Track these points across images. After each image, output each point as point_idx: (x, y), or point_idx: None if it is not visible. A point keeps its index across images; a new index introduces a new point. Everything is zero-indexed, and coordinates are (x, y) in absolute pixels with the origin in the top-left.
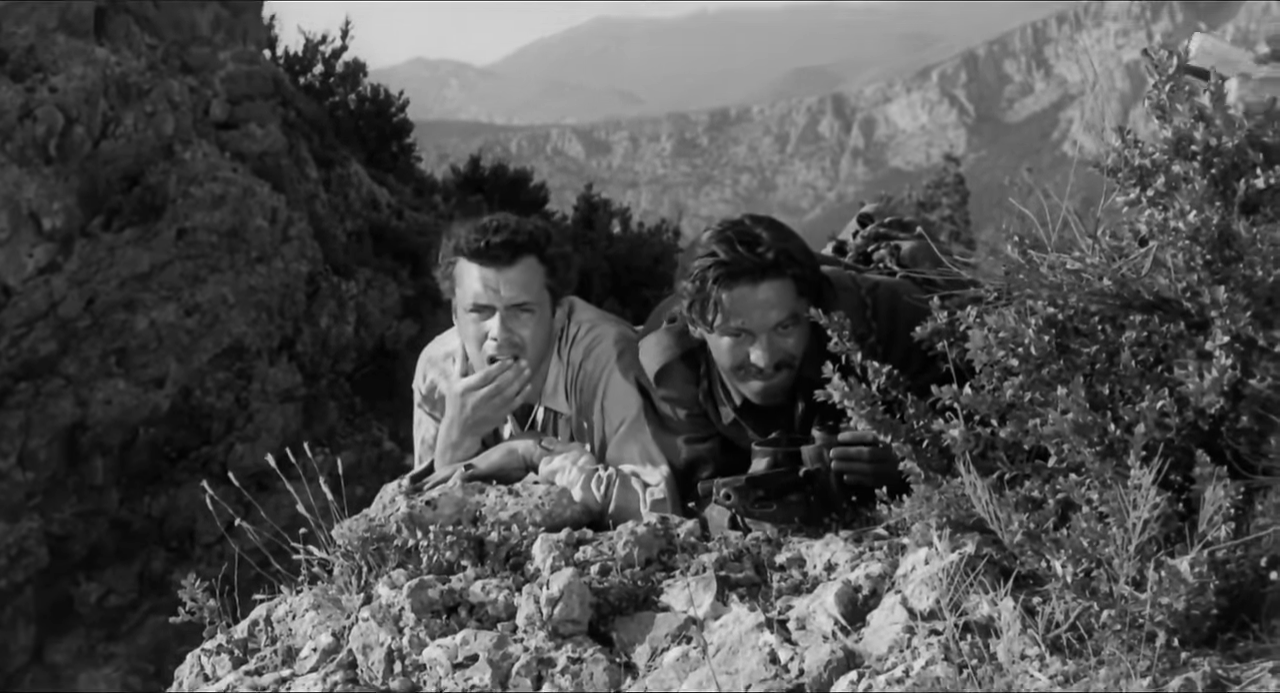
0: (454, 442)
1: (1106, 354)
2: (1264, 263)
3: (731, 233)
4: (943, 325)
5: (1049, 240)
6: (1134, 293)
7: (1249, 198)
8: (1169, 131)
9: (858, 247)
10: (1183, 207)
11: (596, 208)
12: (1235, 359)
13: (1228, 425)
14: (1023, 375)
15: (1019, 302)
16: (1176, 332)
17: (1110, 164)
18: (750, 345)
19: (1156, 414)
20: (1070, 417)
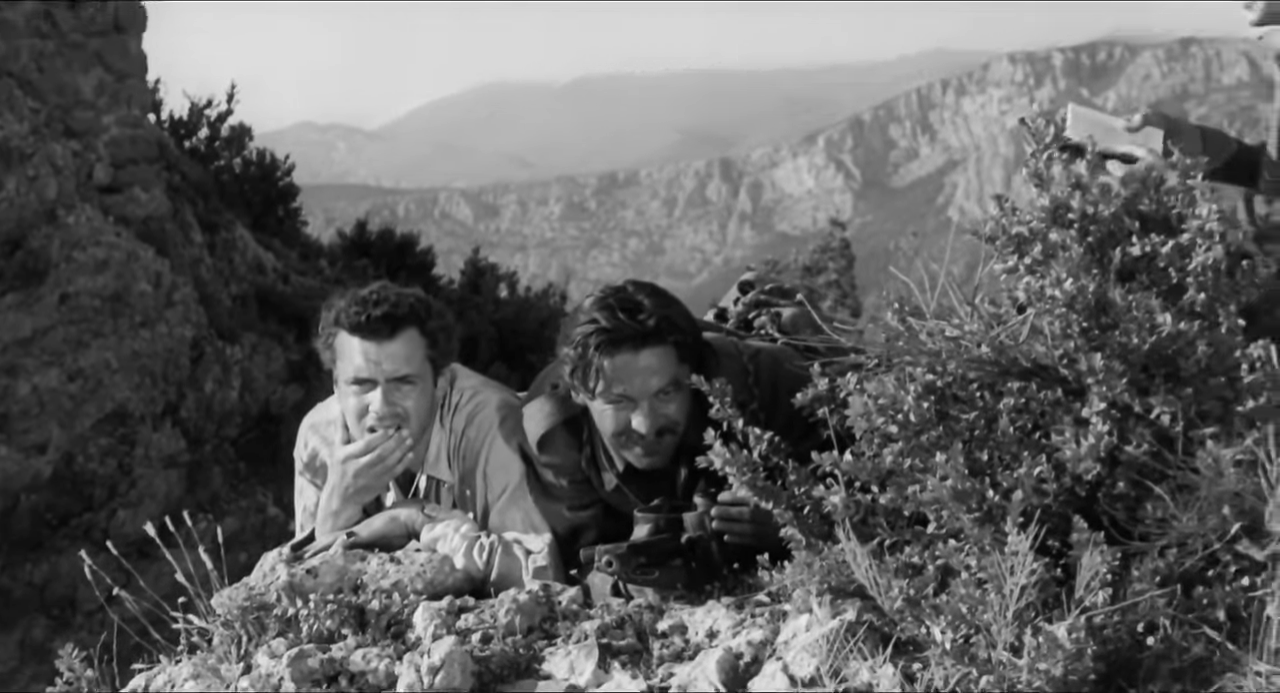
0: (335, 510)
1: (985, 420)
2: (1139, 330)
3: (613, 300)
4: (823, 392)
5: (928, 307)
6: (1012, 360)
7: (1125, 265)
8: (1046, 200)
9: (739, 313)
10: (1059, 274)
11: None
12: (1112, 426)
13: (1104, 491)
14: (902, 442)
15: (899, 368)
16: (1054, 398)
17: (988, 232)
18: (632, 412)
19: (1034, 480)
20: (949, 483)
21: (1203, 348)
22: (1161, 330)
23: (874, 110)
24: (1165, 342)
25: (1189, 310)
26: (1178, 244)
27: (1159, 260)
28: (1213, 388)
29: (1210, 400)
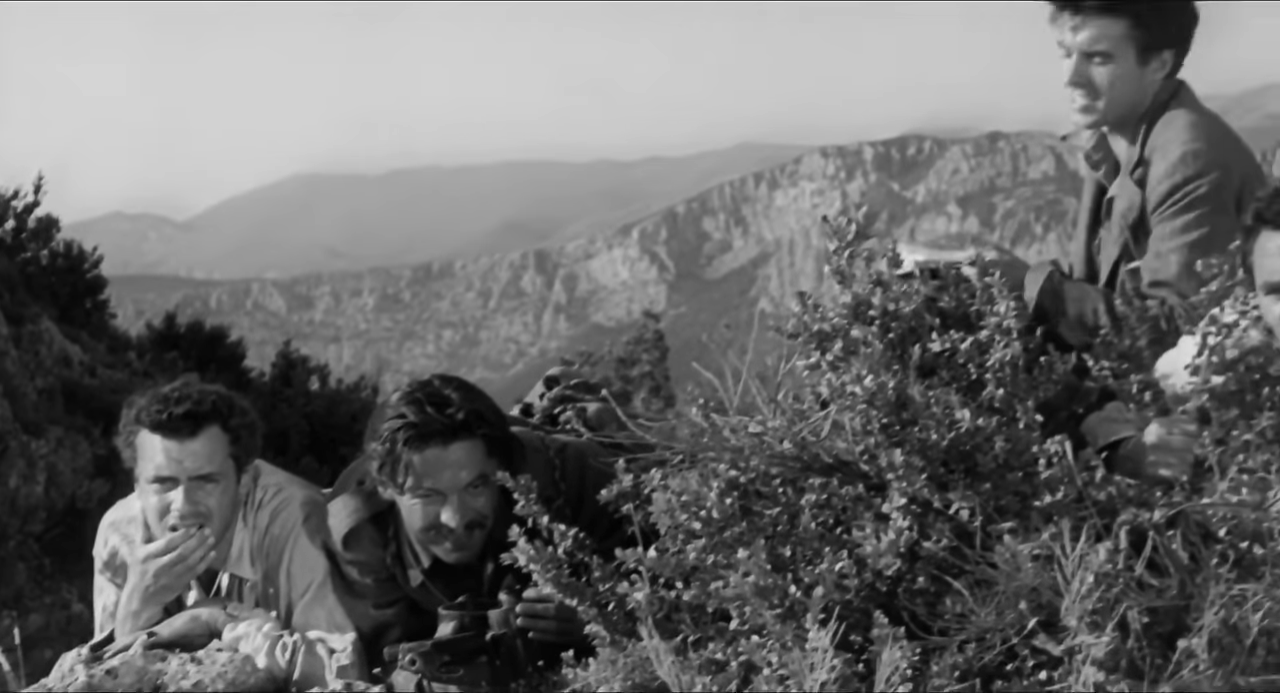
0: (135, 610)
1: (788, 516)
2: (938, 426)
3: (421, 394)
4: (628, 488)
5: (731, 403)
6: (814, 456)
7: (925, 361)
8: (848, 296)
9: (544, 409)
10: (859, 371)
11: (295, 364)
12: (912, 521)
13: (905, 586)
14: (705, 538)
15: (703, 465)
16: (855, 494)
17: (791, 328)
18: (441, 506)
19: (835, 576)
20: (751, 579)
21: (1000, 443)
22: (960, 426)
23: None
24: (964, 437)
25: (988, 406)
26: (976, 341)
27: (958, 357)
28: (1010, 483)
29: (1008, 495)
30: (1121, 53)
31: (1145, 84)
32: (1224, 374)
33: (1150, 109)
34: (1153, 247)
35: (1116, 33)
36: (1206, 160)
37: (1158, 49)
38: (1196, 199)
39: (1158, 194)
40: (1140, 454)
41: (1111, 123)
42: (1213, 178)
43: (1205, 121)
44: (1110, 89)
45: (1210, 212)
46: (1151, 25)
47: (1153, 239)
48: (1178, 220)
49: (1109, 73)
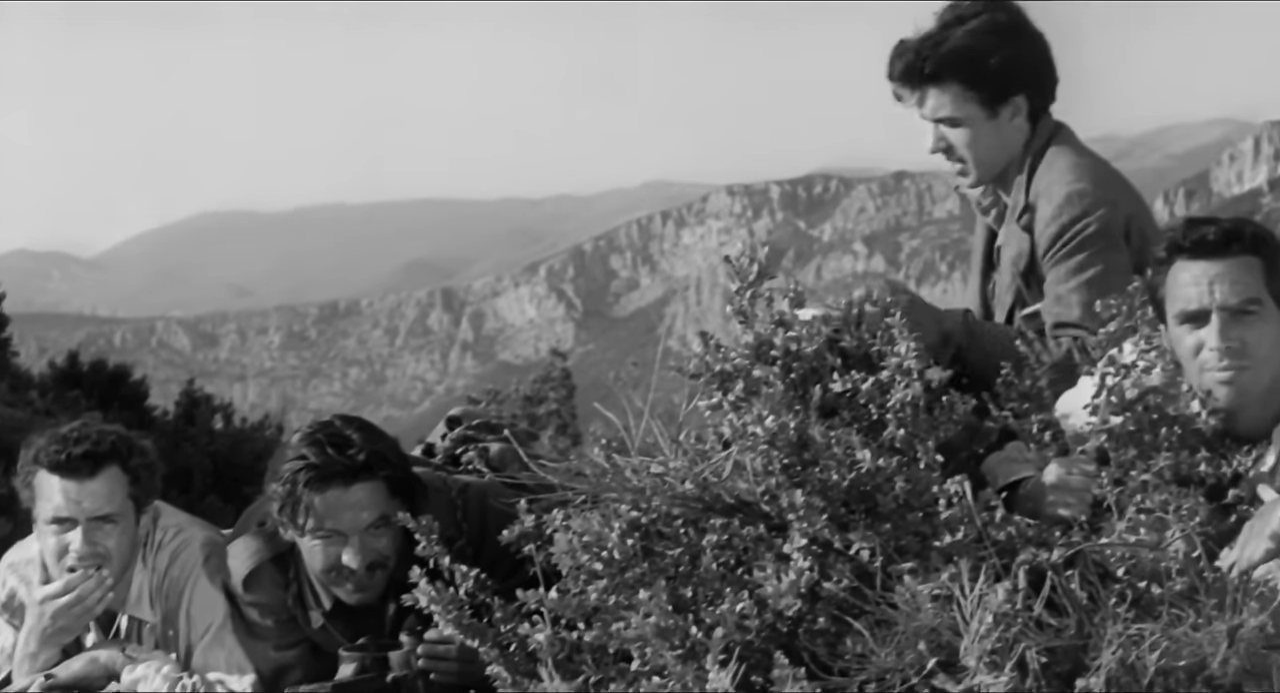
0: (33, 652)
1: (689, 557)
2: (839, 467)
3: (321, 435)
4: (530, 528)
5: (633, 444)
6: (715, 496)
7: (826, 402)
8: (750, 336)
9: (446, 449)
10: (760, 411)
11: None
12: (812, 561)
13: (805, 627)
14: (607, 579)
15: (605, 505)
16: (756, 534)
17: (693, 369)
18: (342, 547)
19: (736, 616)
20: (652, 620)
21: (901, 484)
22: (861, 466)
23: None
24: (865, 478)
25: (889, 446)
26: (878, 381)
27: (860, 397)
28: (911, 523)
29: (908, 536)
30: (966, 113)
31: (1005, 133)
32: (1122, 414)
33: (1030, 155)
34: (1050, 290)
35: (951, 97)
36: (1092, 199)
37: (1003, 99)
38: (1086, 238)
39: (1047, 237)
40: (1040, 494)
41: (988, 175)
42: (1100, 215)
43: (1086, 161)
44: (971, 149)
45: (1103, 249)
46: (983, 80)
47: (1049, 283)
48: (1071, 260)
49: (963, 135)
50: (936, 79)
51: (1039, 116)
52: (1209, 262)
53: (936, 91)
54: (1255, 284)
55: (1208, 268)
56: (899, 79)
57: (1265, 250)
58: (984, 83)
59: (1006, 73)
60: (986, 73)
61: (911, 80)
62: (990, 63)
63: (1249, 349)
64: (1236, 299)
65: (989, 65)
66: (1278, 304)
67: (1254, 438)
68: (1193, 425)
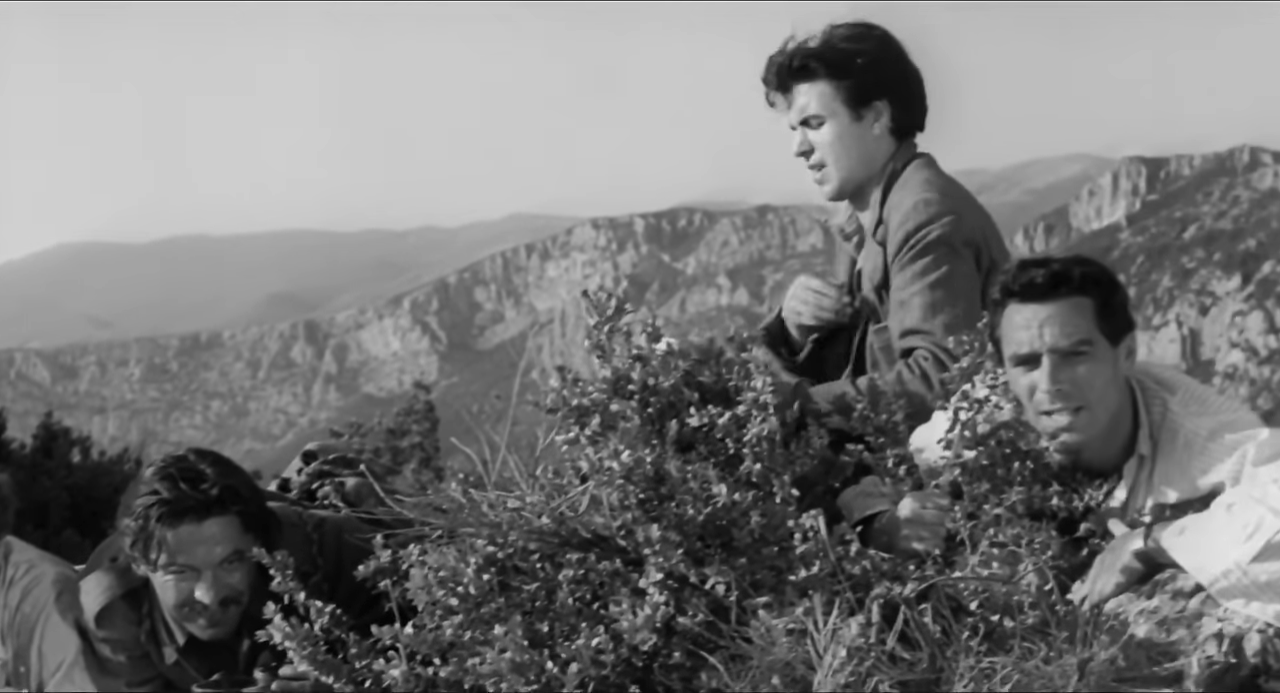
0: None
1: (545, 592)
2: (695, 501)
3: (174, 470)
4: (386, 563)
5: (489, 478)
6: (572, 531)
7: (683, 436)
8: (608, 371)
9: (302, 484)
10: (617, 446)
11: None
12: (668, 596)
13: (661, 662)
14: (463, 614)
15: (461, 540)
16: (612, 569)
17: (550, 403)
18: (195, 583)
19: (592, 651)
20: (508, 655)
21: (757, 518)
22: (717, 501)
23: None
24: (721, 512)
25: (745, 481)
26: (735, 415)
27: (716, 431)
28: (766, 558)
29: (764, 570)
30: (833, 111)
31: (867, 141)
32: (975, 449)
33: (889, 173)
34: (895, 295)
35: (819, 94)
36: (939, 207)
37: (868, 101)
38: (931, 243)
39: (894, 243)
40: (894, 528)
41: (849, 186)
42: (946, 222)
43: (939, 179)
44: (833, 149)
45: (946, 253)
46: (852, 79)
47: (894, 289)
48: (916, 264)
49: (827, 133)
50: (805, 74)
51: (903, 137)
52: (1039, 304)
53: (804, 88)
54: (1086, 325)
55: (1038, 311)
56: (770, 80)
57: (1096, 291)
58: (849, 78)
59: (871, 73)
60: (852, 69)
61: (782, 79)
62: (857, 61)
63: (1080, 390)
64: (1066, 342)
65: (855, 62)
66: (1111, 343)
67: (1104, 472)
68: (1044, 460)
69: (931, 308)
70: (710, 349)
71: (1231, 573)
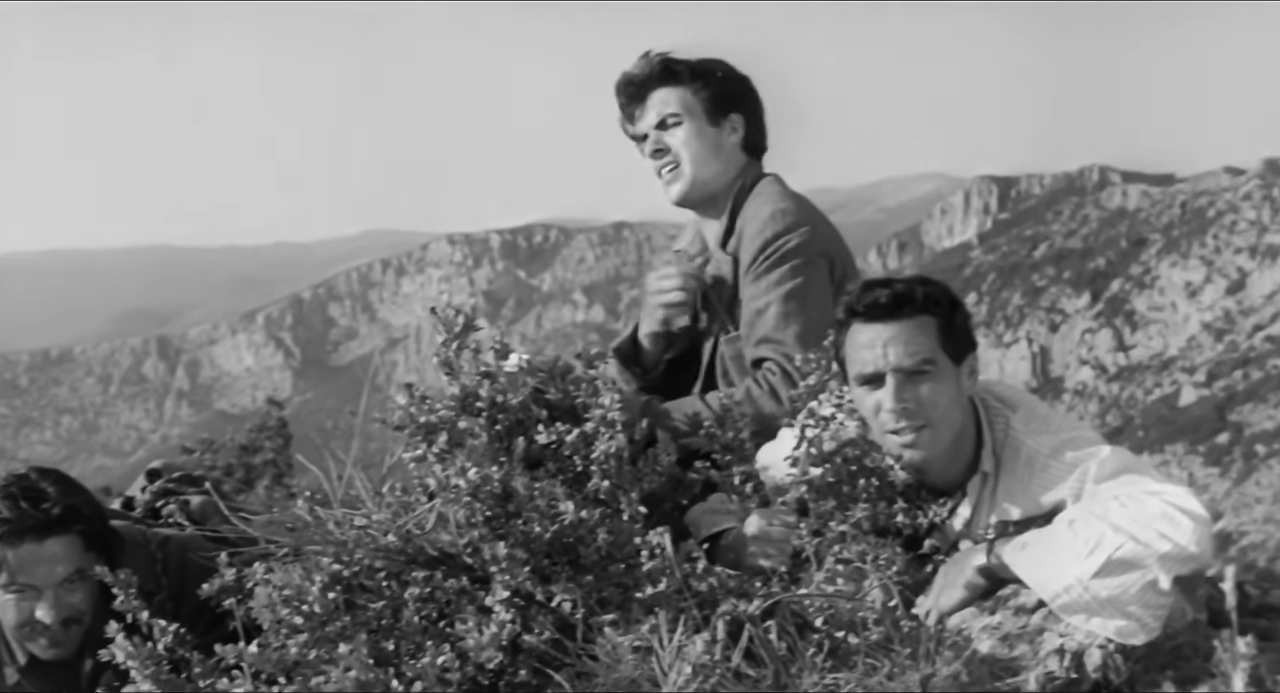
0: None
1: (391, 610)
2: (541, 519)
3: (15, 489)
4: (230, 582)
5: (336, 496)
6: (418, 549)
7: (531, 453)
8: (456, 388)
9: (146, 502)
10: (464, 463)
11: None
12: (514, 614)
13: (506, 680)
14: (308, 633)
15: (307, 558)
16: (459, 587)
17: (396, 420)
18: (36, 602)
19: (437, 670)
20: (353, 674)
21: (604, 536)
22: (564, 518)
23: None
24: (568, 529)
25: (593, 498)
26: (583, 432)
27: (565, 449)
28: (613, 575)
29: (610, 587)
30: (691, 113)
31: (722, 146)
32: (821, 466)
33: (738, 189)
34: (749, 305)
35: (680, 96)
36: (794, 218)
37: (724, 112)
38: (786, 253)
39: (750, 253)
40: (741, 545)
41: (699, 190)
42: (801, 232)
43: (791, 193)
44: (688, 148)
45: (801, 264)
46: (712, 88)
47: (748, 298)
48: (771, 274)
49: (684, 133)
50: (667, 78)
51: (750, 155)
52: (883, 324)
53: (664, 92)
54: (929, 344)
55: (881, 331)
56: (629, 88)
57: (938, 310)
58: (709, 87)
59: (730, 87)
60: (712, 78)
61: (643, 85)
62: (718, 73)
63: (924, 409)
64: (910, 361)
65: (715, 74)
66: (954, 362)
67: (948, 490)
68: (889, 477)
69: (785, 317)
70: (557, 366)
71: (1073, 589)
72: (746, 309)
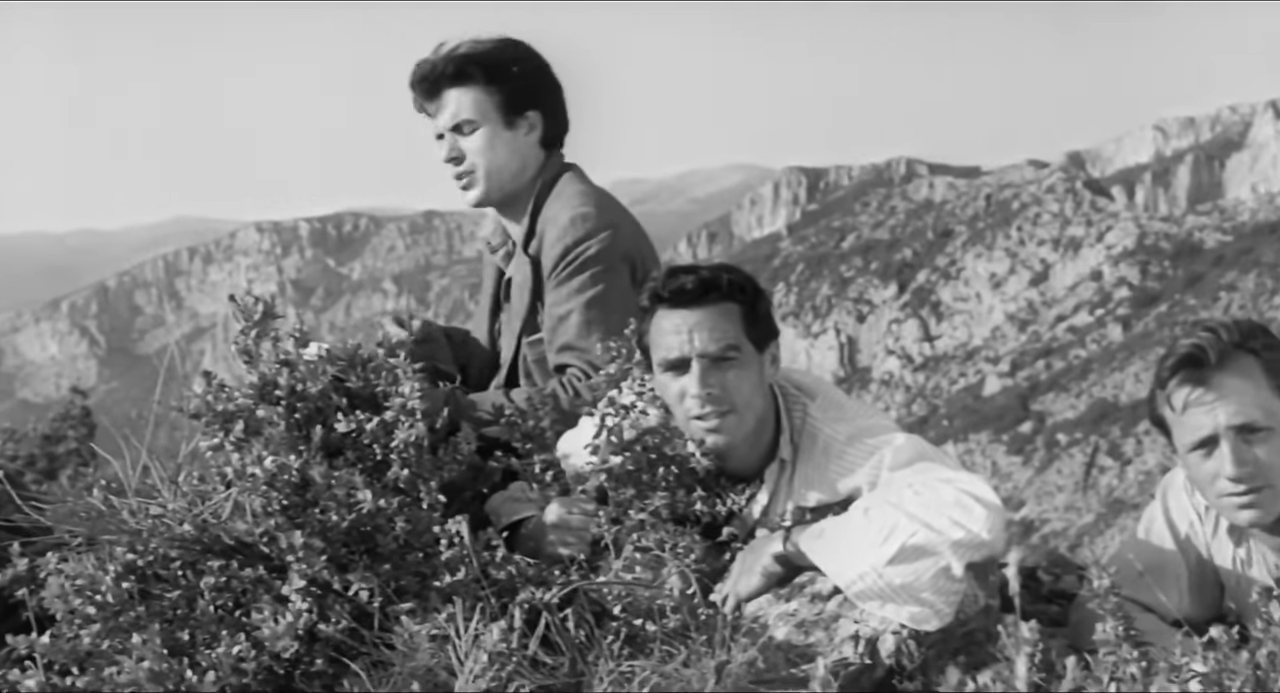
0: None
1: (186, 600)
2: (339, 508)
3: None
4: (23, 572)
5: (130, 485)
6: (215, 538)
7: (331, 442)
8: (255, 376)
9: None
10: (260, 452)
11: None
12: (312, 603)
13: (303, 669)
14: (101, 623)
15: (101, 548)
16: (255, 576)
17: (193, 409)
18: None
19: (233, 659)
20: (146, 664)
21: (402, 524)
22: (362, 507)
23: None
24: (366, 518)
25: (392, 487)
26: (382, 421)
27: (364, 437)
28: (411, 564)
29: (408, 576)
30: (486, 118)
31: (520, 148)
32: (621, 454)
33: (538, 187)
34: (551, 311)
35: (474, 99)
36: (595, 222)
37: (520, 111)
38: (589, 259)
39: (551, 259)
40: (541, 533)
41: (496, 193)
42: (603, 237)
43: (592, 191)
44: (484, 156)
45: (602, 270)
46: (506, 88)
47: (550, 304)
48: (573, 281)
49: (479, 139)
50: (460, 79)
51: (550, 149)
52: (688, 310)
53: (458, 93)
54: (734, 331)
55: (687, 316)
56: (421, 85)
57: (743, 297)
58: (504, 86)
59: (526, 82)
60: (507, 76)
61: (435, 84)
62: (513, 68)
63: (729, 395)
64: (715, 347)
65: (510, 71)
66: (757, 349)
67: (747, 477)
68: (689, 465)
69: (588, 325)
70: (358, 355)
71: (867, 576)
72: (549, 315)
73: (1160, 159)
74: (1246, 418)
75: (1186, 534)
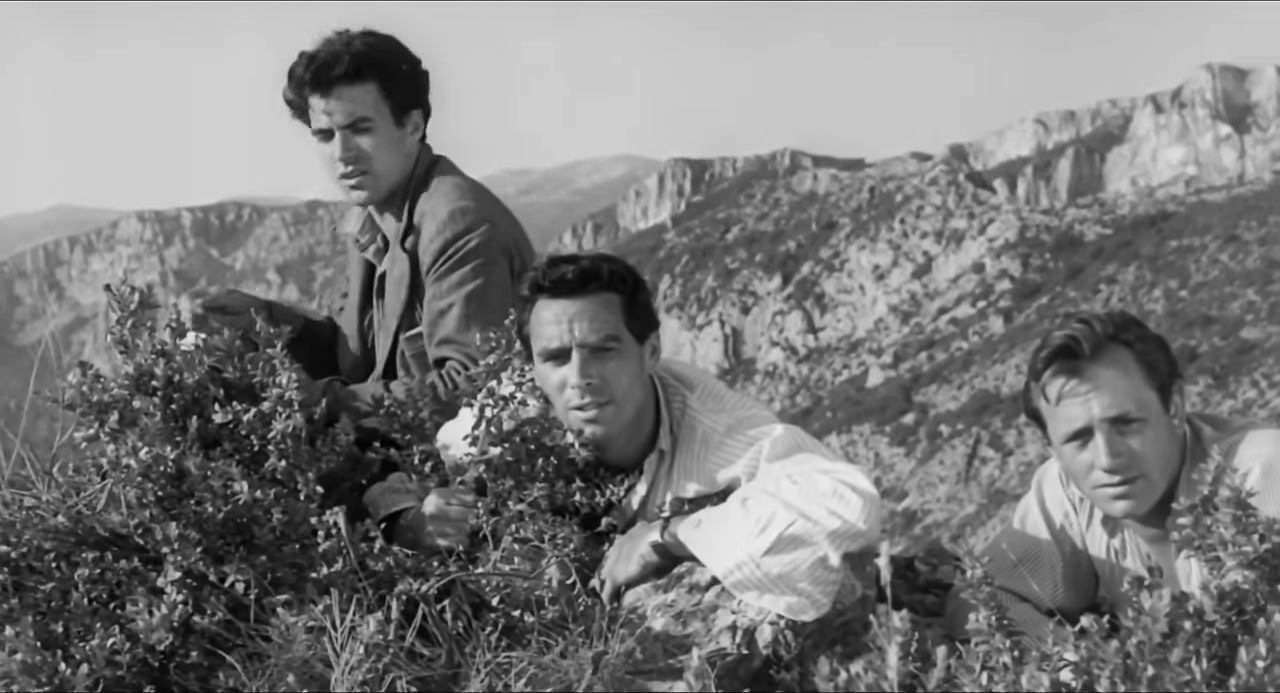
0: None
1: (60, 592)
2: (215, 499)
3: None
4: None
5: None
6: (89, 529)
7: (208, 433)
8: (130, 367)
9: None
10: (136, 443)
11: None
12: (187, 595)
13: (178, 661)
14: None
15: None
16: (130, 568)
17: (68, 399)
18: None
19: (106, 652)
20: (19, 657)
21: (279, 515)
22: (238, 498)
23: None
24: (242, 509)
25: (269, 478)
26: (260, 412)
27: (241, 428)
28: (288, 555)
29: (285, 568)
30: (380, 117)
31: (406, 147)
32: (500, 445)
33: (414, 181)
34: (430, 306)
35: (370, 99)
36: (474, 216)
37: (407, 110)
38: (468, 253)
39: (430, 254)
40: (419, 524)
41: (384, 193)
42: (481, 231)
43: (468, 184)
44: (379, 155)
45: (482, 264)
46: (397, 88)
47: (429, 299)
48: (453, 275)
49: (374, 139)
50: (355, 77)
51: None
52: (569, 300)
53: (353, 93)
54: (614, 321)
55: (567, 306)
56: (315, 80)
57: (623, 287)
58: (397, 87)
59: (413, 82)
60: (399, 76)
61: (329, 81)
62: (403, 68)
63: (609, 385)
64: (595, 337)
65: (401, 70)
66: (638, 340)
67: (626, 468)
68: (568, 456)
69: (467, 319)
70: (235, 346)
71: (745, 566)
72: (429, 309)
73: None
74: (1120, 409)
75: (1061, 525)
